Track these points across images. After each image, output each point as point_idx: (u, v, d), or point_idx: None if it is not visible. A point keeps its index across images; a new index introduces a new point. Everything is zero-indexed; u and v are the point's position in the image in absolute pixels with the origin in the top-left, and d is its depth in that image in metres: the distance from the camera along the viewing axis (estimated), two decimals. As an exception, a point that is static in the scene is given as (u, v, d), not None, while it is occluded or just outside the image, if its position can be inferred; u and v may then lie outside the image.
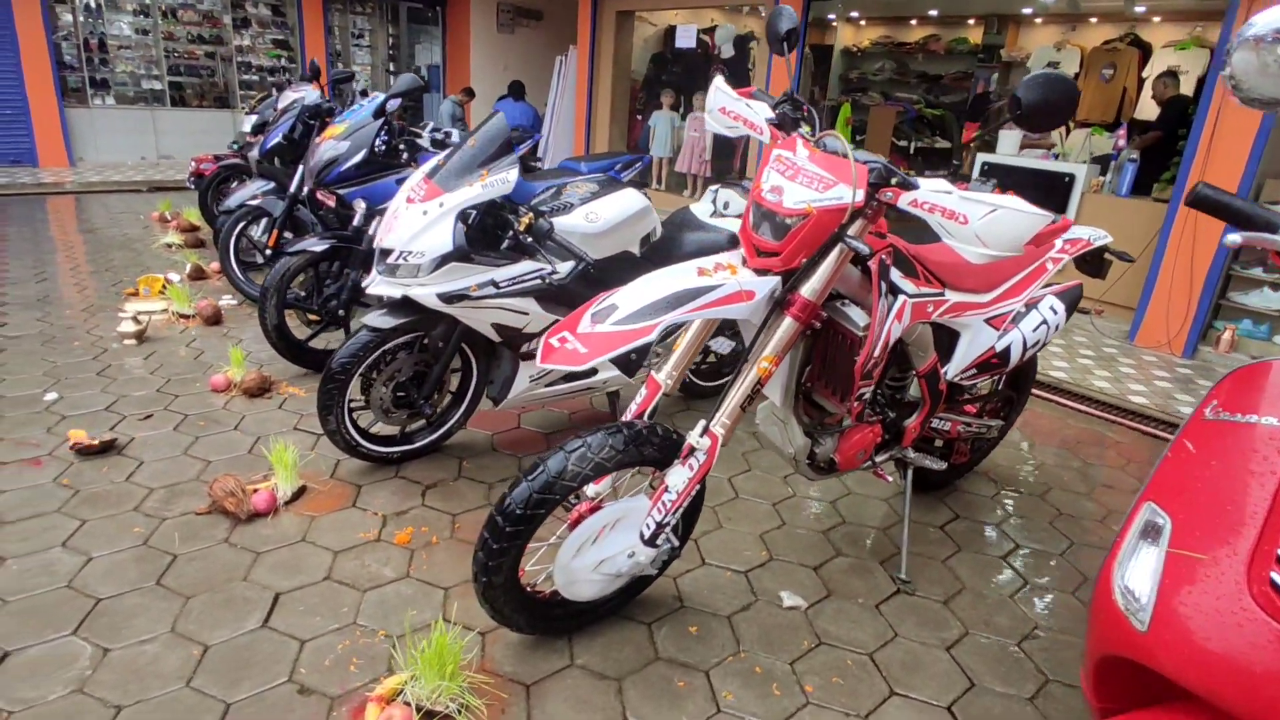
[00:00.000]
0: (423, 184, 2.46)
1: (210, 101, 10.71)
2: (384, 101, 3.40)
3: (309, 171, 3.43)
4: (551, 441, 3.21)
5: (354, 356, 2.55)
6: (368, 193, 3.42)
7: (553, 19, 12.79)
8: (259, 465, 2.84)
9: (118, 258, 5.65)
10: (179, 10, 10.19)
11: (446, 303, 2.46)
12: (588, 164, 4.07)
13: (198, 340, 4.07)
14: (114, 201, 8.03)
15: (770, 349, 1.81)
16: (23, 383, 3.39)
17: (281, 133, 4.46)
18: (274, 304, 3.43)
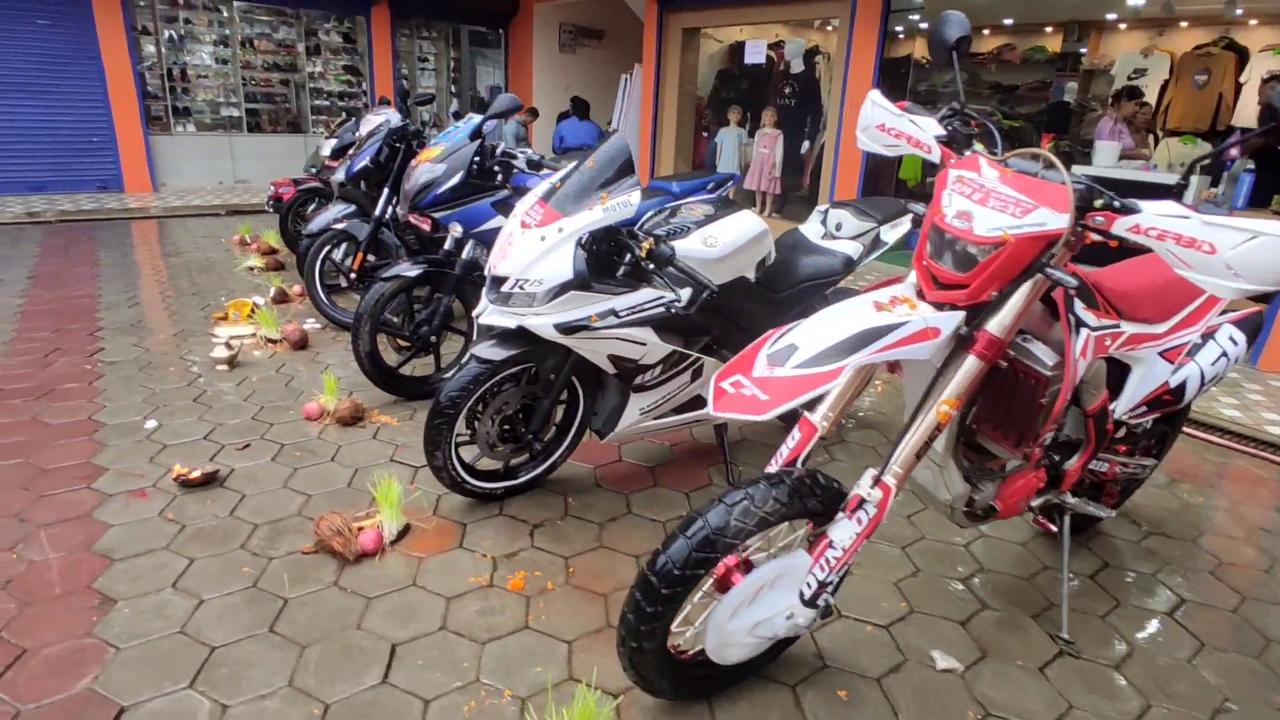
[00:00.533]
0: (538, 208, 2.34)
1: (283, 127, 10.97)
2: (481, 123, 3.32)
3: (404, 195, 3.36)
4: (657, 475, 3.05)
5: (463, 390, 2.44)
6: (463, 216, 3.34)
7: (614, 38, 12.82)
8: (359, 500, 2.74)
9: (203, 281, 5.73)
10: (255, 40, 10.49)
11: (564, 334, 2.33)
12: (679, 184, 3.94)
13: (286, 365, 4.04)
14: (195, 225, 8.24)
15: (951, 391, 1.61)
16: (123, 410, 3.39)
17: (369, 156, 4.44)
18: (368, 330, 3.36)
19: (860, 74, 7.13)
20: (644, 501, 2.86)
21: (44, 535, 2.44)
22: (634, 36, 12.76)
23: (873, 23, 6.94)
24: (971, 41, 1.84)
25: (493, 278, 2.38)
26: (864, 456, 3.32)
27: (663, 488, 2.97)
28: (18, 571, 2.25)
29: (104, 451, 3.00)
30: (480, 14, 12.19)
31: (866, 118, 1.90)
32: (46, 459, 2.93)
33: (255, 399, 3.58)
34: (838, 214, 3.15)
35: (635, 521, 2.72)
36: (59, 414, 3.33)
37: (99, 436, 3.13)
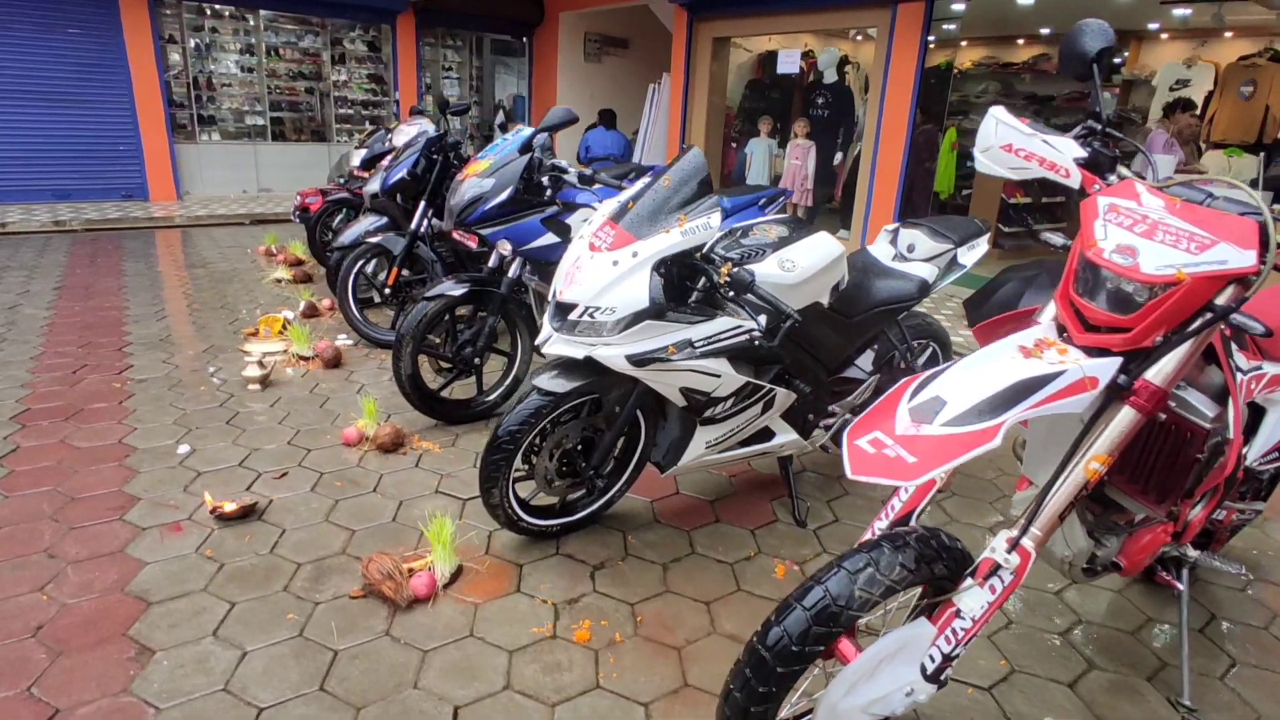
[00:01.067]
0: (608, 229, 2.17)
1: (307, 135, 10.92)
2: (531, 136, 3.16)
3: (449, 210, 3.21)
4: (718, 510, 2.86)
5: (524, 423, 2.27)
6: (512, 233, 3.18)
7: (639, 47, 12.71)
8: (405, 536, 2.57)
9: (230, 293, 5.61)
10: (281, 49, 10.45)
11: (636, 366, 2.16)
12: (730, 199, 3.78)
13: (320, 385, 3.89)
14: (220, 235, 8.15)
15: (1104, 446, 1.42)
16: (155, 433, 3.25)
17: (406, 168, 4.30)
18: (409, 352, 3.20)
19: (900, 84, 6.95)
20: (707, 540, 2.67)
21: (75, 574, 2.29)
22: (660, 46, 12.64)
23: (914, 32, 6.77)
24: (1115, 53, 1.66)
25: (558, 304, 2.21)
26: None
27: (725, 524, 2.78)
28: (48, 615, 2.10)
29: (136, 479, 2.86)
30: (505, 22, 12.11)
31: (988, 137, 1.72)
32: (76, 486, 2.79)
33: (290, 421, 3.43)
34: (910, 234, 2.96)
35: (700, 563, 2.54)
36: (88, 436, 3.19)
37: (130, 462, 2.98)
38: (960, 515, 2.93)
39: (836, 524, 2.84)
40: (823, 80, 8.59)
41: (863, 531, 2.80)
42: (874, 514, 2.96)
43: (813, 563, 2.57)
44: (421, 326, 3.19)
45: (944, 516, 2.91)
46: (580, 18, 11.99)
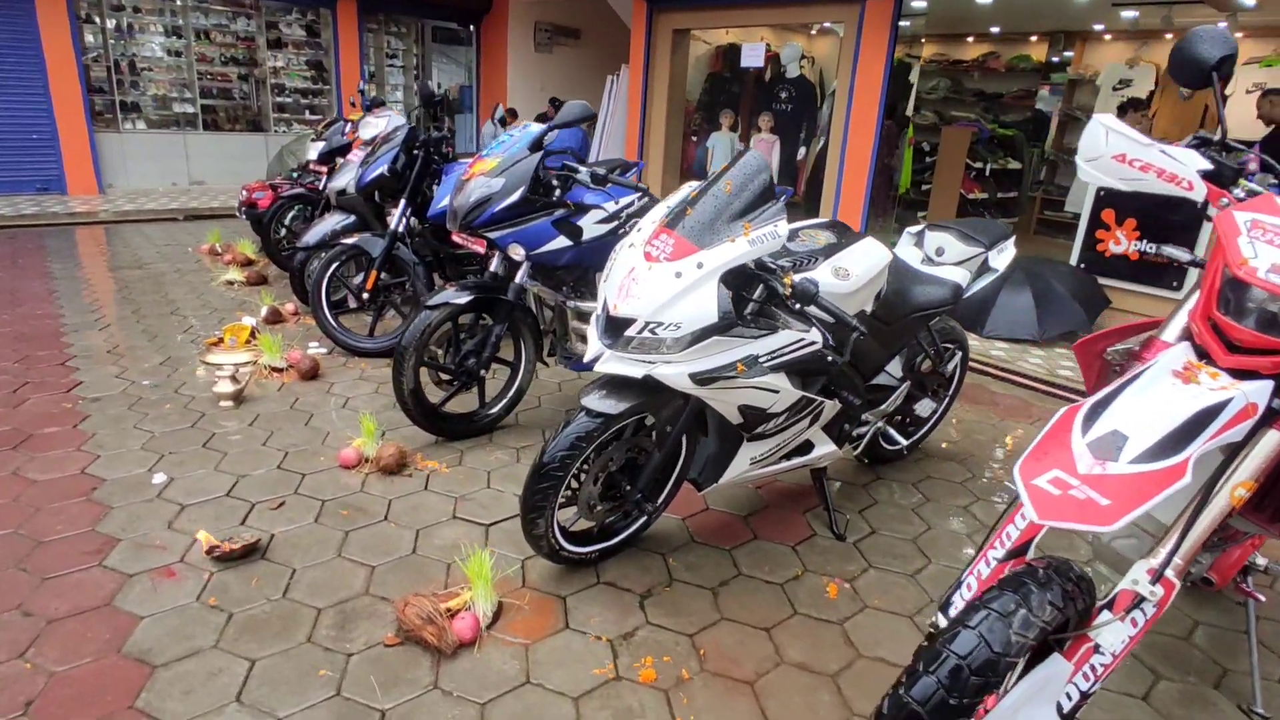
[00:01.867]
0: (666, 238, 2.01)
1: (242, 125, 10.27)
2: (543, 133, 2.96)
3: (453, 212, 2.97)
4: (754, 526, 2.74)
5: (573, 448, 2.09)
6: (523, 236, 2.97)
7: (592, 38, 12.46)
8: (430, 570, 2.36)
9: (178, 298, 5.17)
10: (210, 32, 9.78)
11: (700, 384, 2.01)
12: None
13: (301, 399, 3.59)
14: (153, 232, 7.57)
15: (1249, 472, 1.36)
16: (123, 460, 2.91)
17: (386, 164, 4.01)
18: (412, 365, 2.96)
19: (868, 80, 6.97)
20: (750, 559, 2.55)
21: (59, 634, 1.99)
22: (613, 37, 12.43)
23: (883, 28, 6.78)
24: (1234, 60, 1.59)
25: (609, 319, 2.04)
26: (954, 494, 3.08)
27: (764, 541, 2.67)
28: (37, 688, 1.81)
29: (110, 516, 2.54)
30: (451, 10, 11.67)
31: (1097, 147, 1.64)
32: (41, 527, 2.46)
33: (275, 442, 3.14)
34: (938, 237, 2.90)
35: (749, 586, 2.41)
36: (46, 467, 2.83)
37: (101, 495, 2.66)
38: (933, 519, 2.90)
39: (875, 536, 2.76)
40: (785, 74, 8.56)
41: (901, 544, 2.76)
42: (907, 522, 2.94)
43: (861, 580, 2.48)
44: (425, 337, 2.96)
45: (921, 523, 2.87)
46: (530, 6, 11.66)
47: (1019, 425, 3.87)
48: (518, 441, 3.29)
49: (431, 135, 4.07)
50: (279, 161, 8.04)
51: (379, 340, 4.21)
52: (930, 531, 2.81)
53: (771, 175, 2.07)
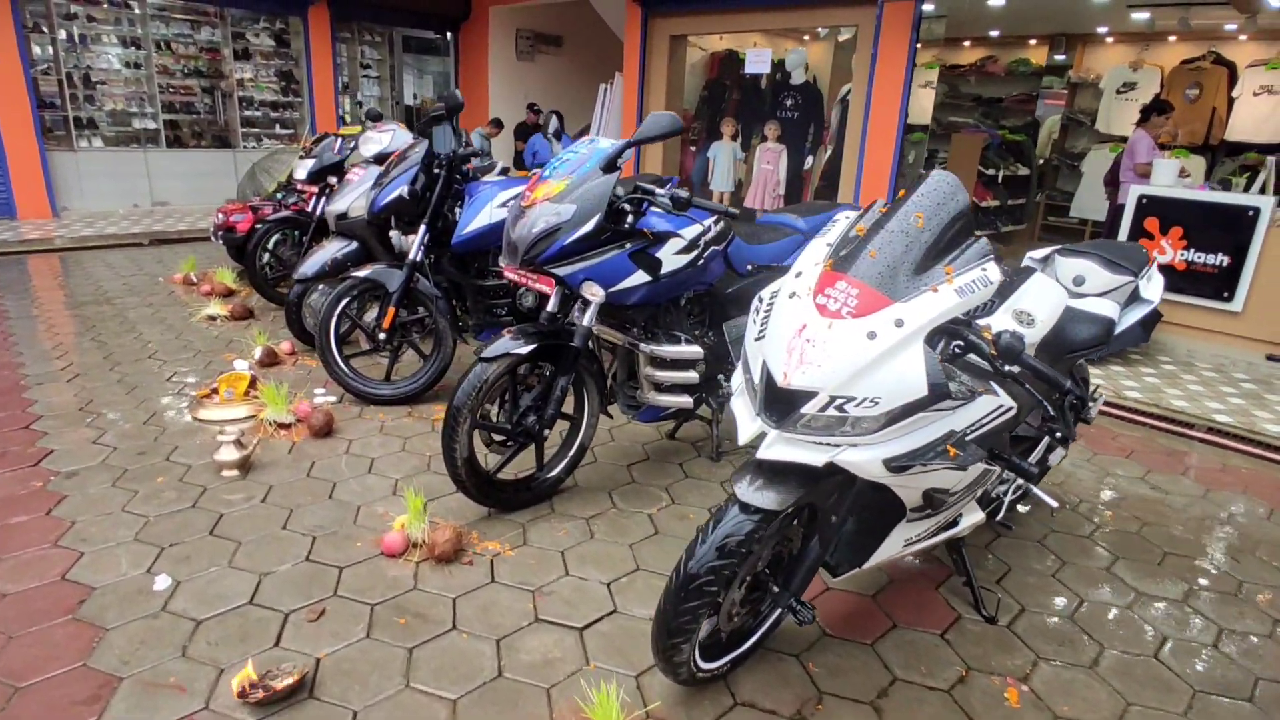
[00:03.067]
0: (845, 285, 1.57)
1: (208, 141, 9.60)
2: (620, 150, 2.50)
3: (511, 246, 2.50)
4: (890, 611, 2.31)
5: (728, 555, 1.64)
6: (598, 273, 2.51)
7: (574, 45, 12.04)
8: (528, 701, 1.88)
9: (155, 338, 4.58)
10: (172, 42, 9.11)
11: (895, 472, 1.57)
12: (806, 219, 3.25)
13: (318, 463, 3.07)
14: (116, 259, 6.90)
15: None
16: (113, 557, 2.37)
17: (403, 185, 3.51)
18: (467, 429, 2.48)
19: (888, 87, 6.65)
20: (901, 656, 2.12)
21: (53, 840, 1.47)
22: (597, 44, 12.01)
23: (902, 32, 6.47)
24: None
25: (774, 391, 1.59)
26: (1085, 552, 2.69)
27: (906, 629, 2.24)
28: None
29: (106, 642, 2.01)
30: (428, 17, 11.14)
31: None
32: (18, 665, 1.92)
33: (298, 524, 2.62)
34: (1075, 264, 2.52)
35: (913, 695, 1.98)
36: (17, 573, 2.28)
37: (90, 612, 2.12)
38: (1149, 589, 2.51)
39: (1026, 615, 2.35)
40: (790, 81, 8.22)
41: (1060, 626, 2.30)
42: (1052, 592, 2.49)
43: (1036, 678, 2.07)
44: (480, 396, 2.47)
45: (1068, 593, 2.48)
46: (511, 13, 11.19)
47: (1118, 458, 3.52)
48: (584, 509, 2.82)
49: (456, 152, 3.58)
50: (251, 179, 7.43)
51: (398, 385, 3.69)
52: (1085, 607, 2.41)
53: (969, 201, 1.65)
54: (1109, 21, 8.52)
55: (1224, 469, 3.53)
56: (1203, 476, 3.42)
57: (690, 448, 3.42)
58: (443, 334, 3.64)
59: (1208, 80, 8.39)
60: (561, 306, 2.69)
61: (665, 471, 3.17)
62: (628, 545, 2.61)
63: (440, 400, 3.76)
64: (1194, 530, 2.94)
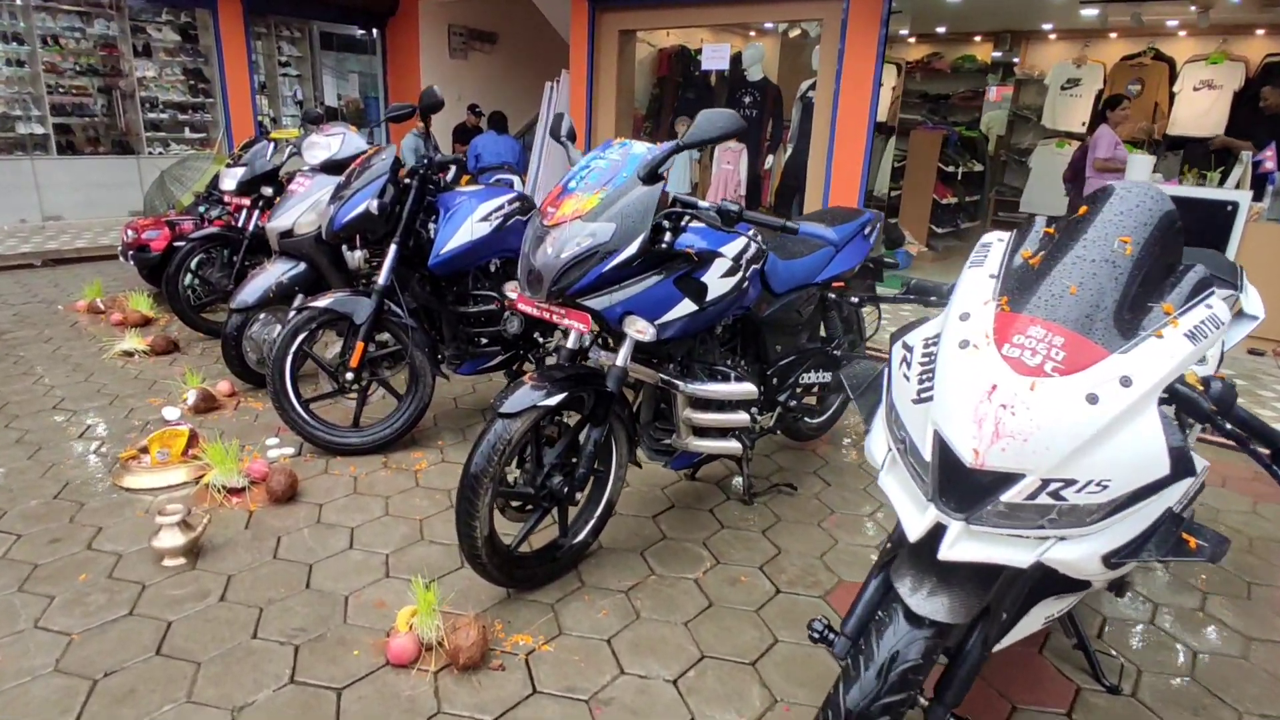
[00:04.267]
0: (1045, 332, 1.20)
1: (108, 147, 8.61)
2: (664, 156, 2.07)
3: (534, 275, 2.04)
4: (1003, 688, 1.97)
5: (899, 698, 1.25)
6: (641, 304, 2.08)
7: (509, 42, 11.47)
8: None
9: (60, 382, 3.87)
10: (61, 36, 8.10)
11: (1114, 568, 1.22)
12: (836, 229, 2.91)
13: (285, 540, 2.53)
14: (2, 285, 6.00)
15: None
16: (26, 700, 1.80)
17: (370, 198, 2.97)
18: (488, 501, 2.01)
19: (856, 84, 6.42)
20: (1040, 757, 1.79)
21: None
22: (533, 40, 11.48)
23: (871, 25, 6.25)
24: None
25: (958, 473, 1.21)
26: (1182, 591, 2.44)
27: (1028, 710, 1.91)
28: None
29: (25, 841, 1.46)
30: (352, 11, 10.37)
31: None
32: None
33: (271, 628, 2.09)
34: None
35: (1073, 812, 1.64)
36: (-114, 738, 1.69)
37: (-2, 793, 1.57)
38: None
39: (1148, 677, 2.06)
40: (747, 78, 7.93)
41: (1189, 691, 2.02)
42: (1167, 649, 2.05)
43: (1194, 768, 1.77)
44: (503, 459, 2.01)
45: (1180, 650, 2.23)
46: (442, 7, 10.54)
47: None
48: (618, 578, 2.39)
49: (431, 159, 3.07)
50: (160, 189, 6.62)
51: (369, 432, 3.16)
52: (1209, 661, 2.14)
53: (1178, 219, 1.31)
54: (1055, 18, 8.59)
55: (1256, 476, 3.38)
56: (1242, 487, 3.25)
57: (715, 490, 3.03)
58: (420, 369, 3.13)
59: (1149, 76, 8.58)
60: (593, 344, 2.25)
61: (698, 522, 2.77)
62: (682, 625, 2.19)
63: (420, 446, 3.25)
64: (1263, 552, 2.74)
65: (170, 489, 2.80)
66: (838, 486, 3.10)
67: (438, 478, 3.00)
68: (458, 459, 3.16)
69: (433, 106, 3.06)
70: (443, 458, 3.18)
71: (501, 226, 3.24)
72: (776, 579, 2.44)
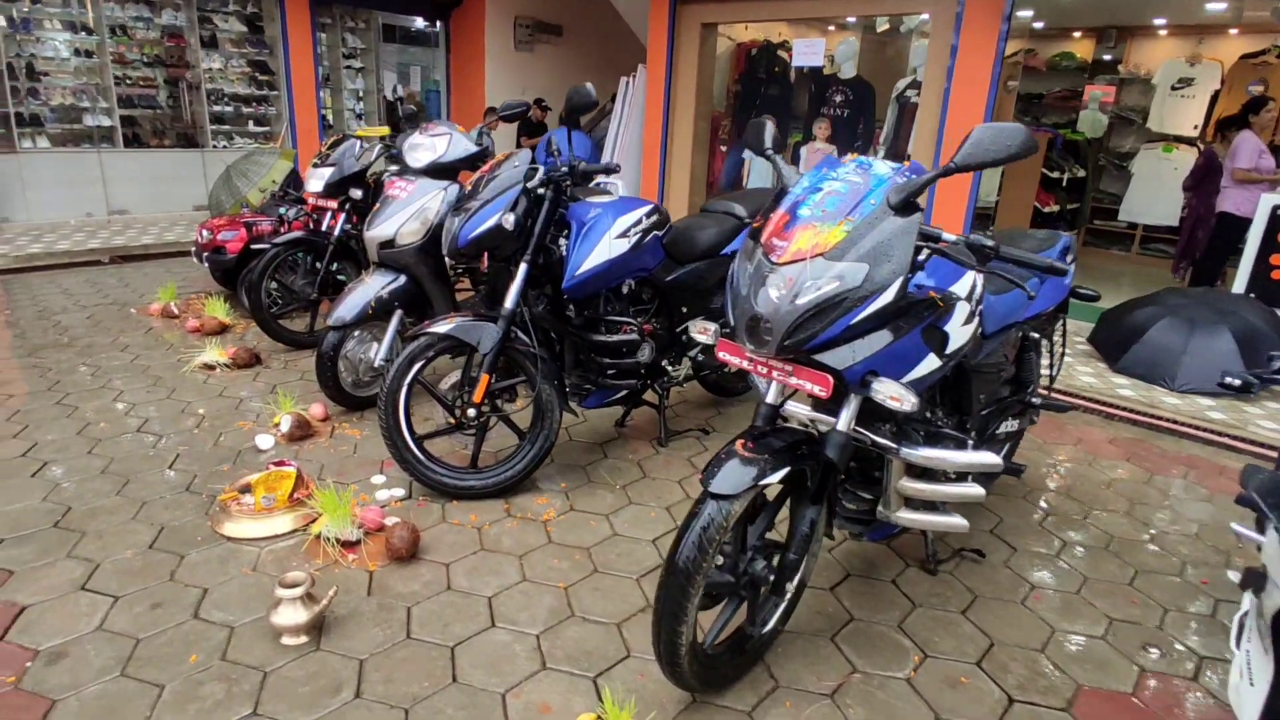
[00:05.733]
0: None
1: (172, 140, 8.42)
2: (928, 182, 1.64)
3: (754, 322, 1.62)
4: None
5: None
6: (888, 362, 1.67)
7: (575, 35, 11.10)
8: None
9: (140, 399, 3.58)
10: (129, 27, 7.92)
11: None
12: (1045, 251, 2.46)
13: (416, 614, 2.17)
14: (72, 283, 5.79)
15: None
16: None
17: (500, 212, 2.59)
18: (697, 601, 1.62)
19: (971, 82, 5.91)
20: None
21: None
22: (600, 34, 11.11)
23: (991, 17, 5.73)
24: None
25: None
26: None
27: None
28: None
29: None
30: (417, 3, 10.09)
31: None
32: None
33: (421, 738, 1.73)
34: None
35: None
36: None
37: None
38: None
39: None
40: (839, 75, 7.45)
41: None
42: None
43: None
44: (718, 549, 1.62)
45: None
46: None
47: None
48: (818, 676, 1.98)
49: (574, 166, 2.70)
50: (225, 184, 6.35)
51: (488, 473, 2.80)
52: None
53: None
54: (1170, 13, 7.95)
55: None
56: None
57: (889, 553, 2.61)
58: (547, 405, 2.76)
59: (1274, 76, 7.90)
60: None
61: (884, 597, 2.36)
62: (914, 749, 1.79)
63: (541, 489, 2.89)
64: None
65: (275, 538, 2.47)
66: (1025, 552, 2.66)
67: (570, 531, 2.63)
68: (588, 507, 2.79)
69: (584, 106, 2.67)
70: (570, 505, 2.81)
71: (640, 244, 2.87)
72: (1002, 680, 2.03)
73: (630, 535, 2.62)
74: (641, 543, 2.58)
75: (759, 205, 3.21)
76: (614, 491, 2.92)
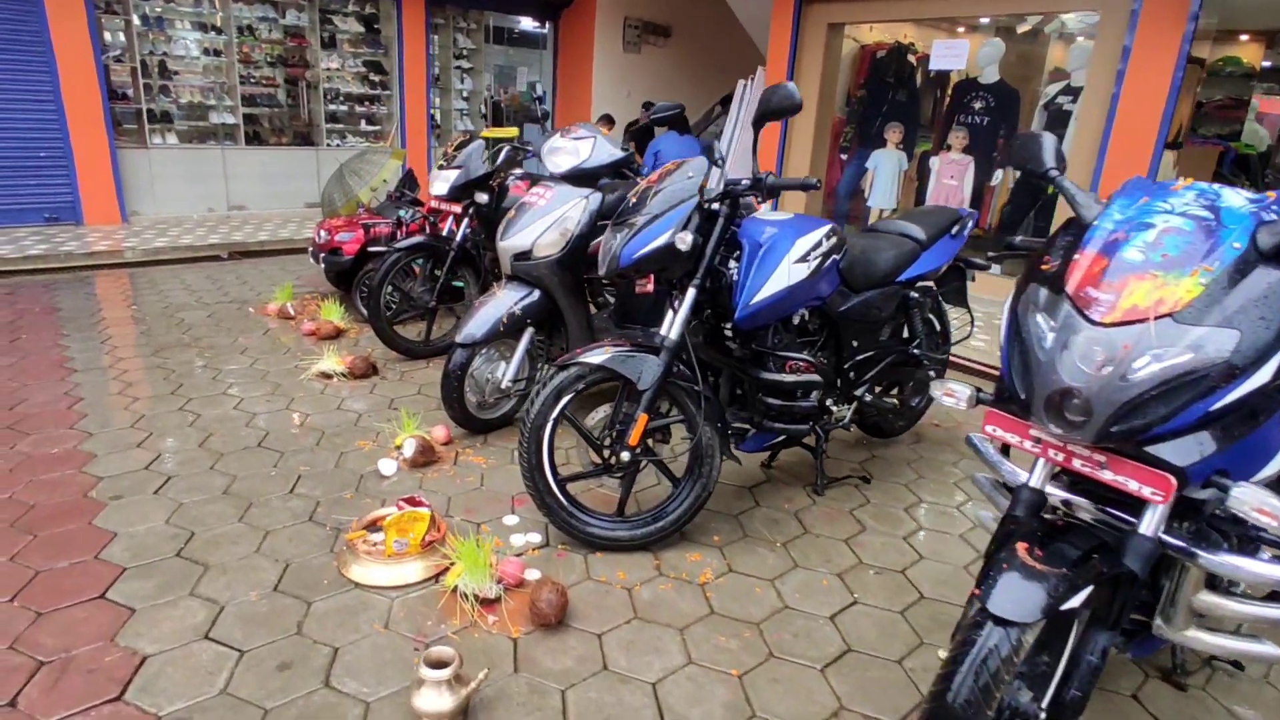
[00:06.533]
0: None
1: (289, 138, 8.56)
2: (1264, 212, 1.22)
3: (1074, 400, 1.20)
4: None
5: None
6: (1241, 458, 1.25)
7: (682, 36, 10.79)
8: None
9: (260, 410, 3.44)
10: (255, 26, 8.07)
11: None
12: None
13: (572, 701, 1.86)
14: (193, 278, 5.85)
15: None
16: None
17: (671, 230, 2.26)
18: None
19: (1145, 88, 5.26)
20: None
21: None
22: (708, 35, 10.78)
23: (1175, 20, 5.08)
24: None
25: None
26: None
27: None
28: None
29: None
30: (528, 3, 10.00)
31: None
32: None
33: None
34: None
35: None
36: None
37: None
38: None
39: None
40: (979, 80, 6.86)
41: None
42: None
43: None
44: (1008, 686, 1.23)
45: None
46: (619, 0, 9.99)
47: None
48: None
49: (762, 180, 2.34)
50: (338, 183, 6.31)
51: (637, 524, 2.47)
52: None
53: None
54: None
55: None
56: None
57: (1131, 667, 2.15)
58: (707, 448, 2.42)
59: None
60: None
61: (1123, 716, 1.90)
62: None
63: (693, 543, 2.55)
64: None
65: (406, 588, 2.21)
66: (1299, 670, 2.14)
67: (732, 599, 2.27)
68: (748, 569, 2.43)
69: (788, 109, 2.30)
70: (727, 564, 2.45)
71: (819, 269, 2.49)
72: None
73: (803, 610, 2.25)
74: (818, 620, 2.20)
75: (938, 227, 2.96)
76: (774, 550, 2.55)
